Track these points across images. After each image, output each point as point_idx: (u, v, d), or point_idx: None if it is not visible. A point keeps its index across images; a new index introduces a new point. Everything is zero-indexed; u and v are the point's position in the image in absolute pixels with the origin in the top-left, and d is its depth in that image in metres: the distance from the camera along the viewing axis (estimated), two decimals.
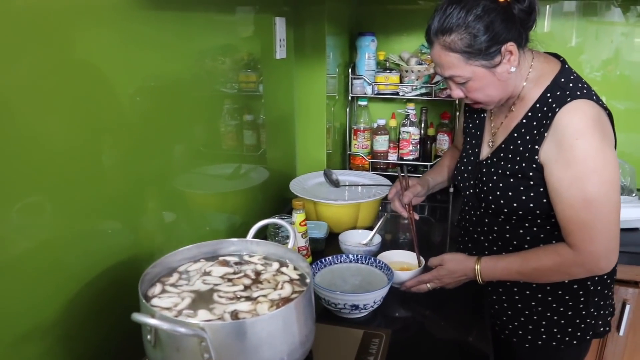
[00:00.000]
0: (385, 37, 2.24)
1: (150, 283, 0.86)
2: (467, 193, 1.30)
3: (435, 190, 1.51)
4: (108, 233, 0.94)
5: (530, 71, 1.15)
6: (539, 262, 1.12)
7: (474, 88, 1.13)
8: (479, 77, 1.10)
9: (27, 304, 0.77)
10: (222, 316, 0.76)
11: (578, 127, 1.04)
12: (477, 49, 1.06)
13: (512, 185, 1.16)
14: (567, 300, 1.20)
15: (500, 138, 1.22)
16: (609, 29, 2.06)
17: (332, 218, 1.57)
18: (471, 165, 1.29)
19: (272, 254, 0.95)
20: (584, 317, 1.22)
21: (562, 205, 1.07)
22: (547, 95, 1.11)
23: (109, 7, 0.89)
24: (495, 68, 1.09)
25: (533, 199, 1.13)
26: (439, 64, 1.14)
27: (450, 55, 1.09)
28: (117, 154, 0.93)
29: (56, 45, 0.77)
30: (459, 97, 1.17)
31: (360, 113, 2.17)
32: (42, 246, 0.78)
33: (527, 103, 1.15)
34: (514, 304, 1.25)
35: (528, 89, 1.15)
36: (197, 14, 1.20)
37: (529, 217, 1.16)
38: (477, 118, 1.32)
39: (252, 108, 1.58)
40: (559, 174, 1.06)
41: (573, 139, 1.04)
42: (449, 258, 1.22)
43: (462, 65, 1.09)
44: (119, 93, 0.93)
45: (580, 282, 1.19)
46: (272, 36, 1.63)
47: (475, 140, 1.31)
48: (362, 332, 1.04)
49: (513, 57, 1.08)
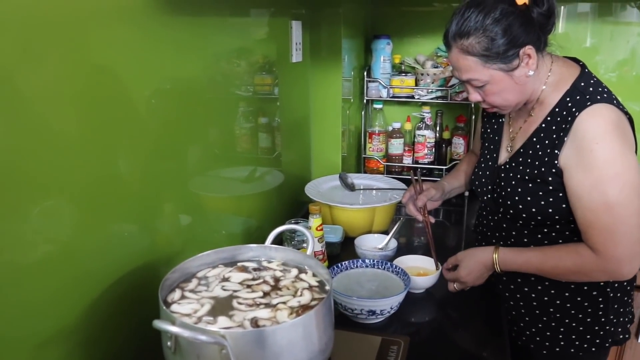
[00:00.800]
0: (400, 40, 2.24)
1: (169, 289, 0.86)
2: (485, 198, 1.29)
3: (452, 196, 1.51)
4: (126, 237, 0.94)
5: (550, 75, 1.14)
6: (559, 261, 1.11)
7: (491, 92, 1.12)
8: (497, 81, 1.10)
9: (49, 308, 0.77)
10: (242, 323, 0.76)
11: (598, 131, 1.03)
12: (495, 52, 1.06)
13: (530, 190, 1.15)
14: (586, 307, 1.19)
15: (518, 143, 1.21)
16: (625, 30, 2.04)
17: (347, 222, 1.56)
18: (489, 170, 1.28)
19: (290, 260, 0.95)
20: (603, 324, 1.20)
21: (583, 210, 1.06)
22: (567, 100, 1.10)
23: (127, 11, 0.89)
24: (513, 72, 1.09)
25: (552, 204, 1.12)
26: (456, 68, 1.14)
27: (468, 58, 1.09)
28: (133, 157, 0.94)
29: (76, 49, 0.78)
30: (477, 100, 1.17)
31: (376, 116, 2.16)
32: (62, 250, 0.78)
33: (546, 107, 1.14)
34: (532, 310, 1.24)
35: (547, 93, 1.15)
36: (213, 17, 1.20)
37: (548, 222, 1.15)
38: (496, 123, 1.32)
39: (267, 111, 1.58)
40: (579, 178, 1.06)
41: (593, 144, 1.03)
42: (464, 256, 1.23)
43: (479, 68, 1.09)
44: (136, 96, 0.94)
45: (600, 288, 1.18)
46: (288, 39, 1.63)
47: (493, 145, 1.30)
48: (380, 338, 1.04)
49: (531, 60, 1.08)
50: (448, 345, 1.12)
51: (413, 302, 1.24)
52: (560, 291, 1.19)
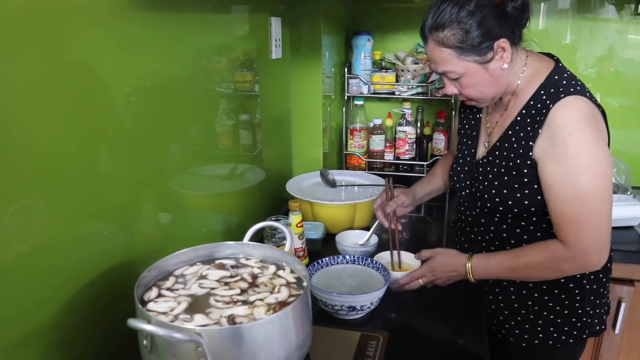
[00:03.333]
0: (381, 36, 2.24)
1: (146, 287, 0.86)
2: (464, 193, 1.31)
3: (425, 201, 1.52)
4: (104, 235, 0.93)
5: (525, 69, 1.16)
6: (530, 257, 1.12)
7: (467, 84, 1.14)
8: (472, 73, 1.11)
9: (22, 308, 0.76)
10: (219, 321, 0.76)
11: (571, 122, 1.05)
12: (470, 45, 1.07)
13: (506, 183, 1.16)
14: (564, 299, 1.21)
15: (495, 137, 1.22)
16: (603, 26, 2.07)
17: (328, 218, 1.56)
18: (467, 166, 1.30)
19: (268, 257, 0.95)
20: (580, 316, 1.22)
21: (555, 201, 1.08)
22: (541, 93, 1.12)
23: (104, 8, 0.88)
24: (488, 64, 1.10)
25: (527, 196, 1.14)
26: (432, 60, 1.15)
27: (443, 50, 1.10)
28: (112, 154, 0.93)
29: (51, 46, 0.77)
30: (453, 93, 1.18)
31: (357, 112, 2.17)
32: (37, 249, 0.77)
33: (521, 101, 1.16)
34: (511, 304, 1.26)
35: (522, 87, 1.16)
36: (193, 14, 1.19)
37: (524, 214, 1.17)
38: (473, 119, 1.33)
39: (248, 108, 1.57)
40: (552, 169, 1.07)
41: (566, 134, 1.05)
42: (441, 251, 1.24)
43: (455, 60, 1.10)
44: (114, 93, 0.93)
45: (576, 281, 1.20)
46: (267, 36, 1.63)
47: (471, 140, 1.32)
48: (359, 334, 1.04)
49: (506, 53, 1.10)
50: (427, 339, 1.13)
51: (393, 298, 1.24)
52: (537, 284, 1.21)
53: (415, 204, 1.47)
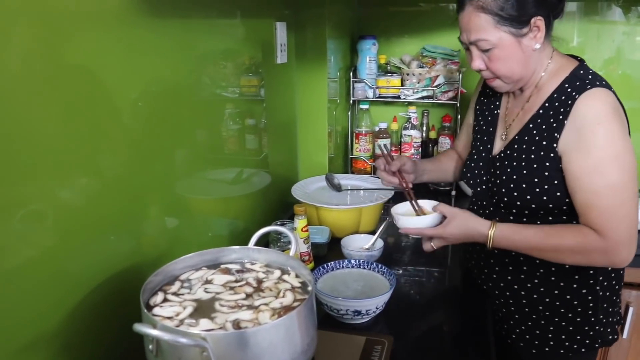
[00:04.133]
0: (386, 40, 2.24)
1: (152, 292, 0.86)
2: (478, 189, 1.29)
3: (424, 180, 1.47)
4: (111, 240, 0.94)
5: (550, 62, 1.16)
6: (561, 239, 1.09)
7: (497, 57, 1.12)
8: (505, 45, 1.10)
9: (30, 313, 0.77)
10: (224, 325, 0.76)
11: (599, 113, 1.04)
12: (508, 14, 1.07)
13: (526, 178, 1.15)
14: (576, 305, 1.18)
15: (514, 131, 1.21)
16: (610, 29, 2.06)
17: (334, 223, 1.56)
18: (483, 161, 1.28)
19: (273, 262, 0.95)
20: (593, 324, 1.20)
21: (584, 193, 1.06)
22: (565, 86, 1.12)
23: (111, 13, 0.89)
24: (522, 38, 1.09)
25: (547, 191, 1.12)
26: (466, 28, 1.13)
27: (480, 17, 1.09)
28: (119, 159, 0.94)
29: (58, 51, 0.78)
30: (479, 68, 1.16)
31: (362, 116, 2.17)
32: (45, 254, 0.78)
33: (544, 94, 1.15)
34: (522, 308, 1.23)
35: (545, 80, 1.16)
36: (199, 19, 1.20)
37: (542, 211, 1.15)
38: (490, 115, 1.31)
39: (253, 112, 1.58)
40: (579, 161, 1.06)
41: (594, 124, 1.04)
42: (459, 215, 1.18)
43: (490, 29, 1.09)
44: (122, 99, 0.94)
45: (589, 286, 1.18)
46: (273, 41, 1.64)
47: (486, 136, 1.30)
48: (364, 338, 1.04)
49: (539, 33, 1.10)
50: (432, 344, 1.13)
51: (399, 302, 1.24)
52: (549, 289, 1.19)
53: (417, 174, 1.42)
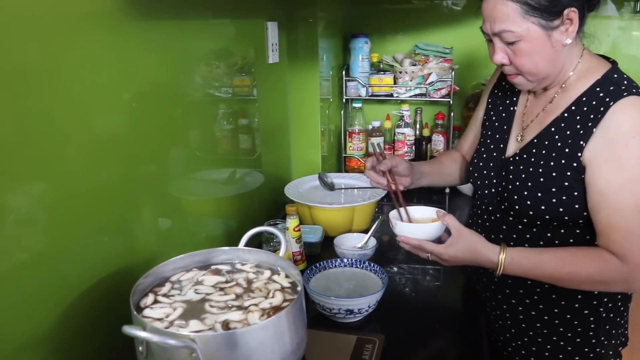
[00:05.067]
0: (378, 38, 2.25)
1: (142, 293, 0.86)
2: (486, 192, 1.18)
3: (422, 183, 1.34)
4: (103, 241, 0.94)
5: (579, 62, 1.06)
6: (580, 266, 1.00)
7: (522, 51, 1.00)
8: (532, 38, 0.99)
9: (22, 315, 0.77)
10: (213, 326, 0.77)
11: (636, 124, 0.95)
12: (539, 3, 0.96)
13: (542, 186, 1.05)
14: (576, 325, 1.11)
15: (532, 132, 1.11)
16: (605, 23, 2.07)
17: (327, 222, 1.57)
18: (494, 162, 1.18)
19: (264, 262, 0.96)
20: (594, 346, 1.12)
21: (609, 210, 0.97)
22: (597, 90, 1.01)
23: (103, 15, 0.90)
24: (552, 32, 0.99)
25: (564, 202, 1.03)
26: (490, 17, 1.01)
27: (508, 5, 0.97)
28: (111, 160, 0.94)
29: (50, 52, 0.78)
30: (501, 62, 1.05)
31: (355, 115, 2.17)
32: (37, 257, 0.79)
33: (571, 96, 1.05)
34: (519, 324, 1.17)
35: (573, 80, 1.06)
36: (189, 20, 1.20)
37: (555, 223, 1.06)
38: (505, 111, 1.21)
39: (246, 112, 1.58)
40: (608, 175, 0.97)
41: (630, 137, 0.95)
42: (465, 237, 1.06)
43: (517, 19, 0.98)
44: (114, 99, 0.94)
45: (592, 307, 1.10)
46: (264, 40, 1.64)
47: (499, 134, 1.20)
48: (355, 337, 1.04)
49: (572, 27, 0.99)
50: (424, 344, 1.12)
51: (392, 301, 1.24)
52: (549, 307, 1.12)
53: (415, 177, 1.29)
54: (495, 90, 1.27)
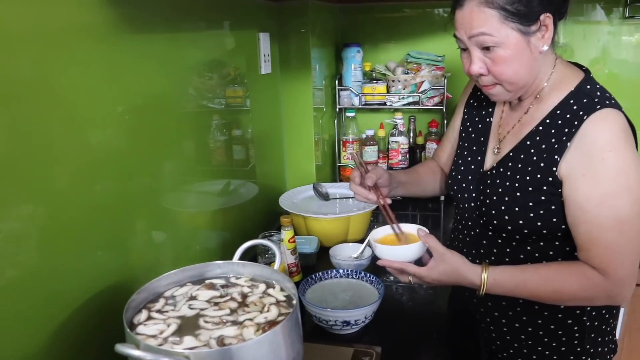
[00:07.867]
0: (370, 47, 2.25)
1: (136, 310, 0.85)
2: (466, 206, 1.17)
3: (400, 193, 1.32)
4: (96, 256, 0.93)
5: (553, 72, 1.06)
6: (562, 284, 0.99)
7: (501, 58, 0.98)
8: (511, 45, 0.97)
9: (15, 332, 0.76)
10: (208, 342, 0.75)
11: (610, 138, 0.95)
12: (517, 9, 0.95)
13: (519, 200, 1.04)
14: (560, 335, 1.11)
15: (508, 146, 1.11)
16: (596, 29, 2.09)
17: (322, 232, 1.56)
18: (472, 175, 1.17)
19: (258, 276, 0.94)
20: (579, 354, 1.12)
21: (588, 225, 0.97)
22: (571, 102, 1.01)
23: (95, 27, 0.89)
24: (530, 37, 0.98)
25: (542, 217, 1.02)
26: (467, 24, 0.99)
27: (485, 12, 0.96)
28: (104, 173, 0.93)
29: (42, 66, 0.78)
30: (477, 73, 1.03)
31: (349, 124, 2.17)
32: (29, 274, 0.77)
33: (545, 108, 1.05)
34: (504, 335, 1.17)
35: (547, 91, 1.06)
36: (181, 32, 1.20)
37: (534, 236, 1.05)
38: (481, 122, 1.20)
39: (240, 123, 1.58)
40: (586, 189, 0.96)
41: (605, 151, 0.94)
42: (447, 259, 1.05)
43: (496, 24, 0.96)
44: (106, 112, 0.94)
45: (576, 317, 1.09)
46: (256, 51, 1.64)
47: (476, 146, 1.19)
48: (352, 349, 1.03)
49: (547, 33, 0.99)
50: (421, 354, 1.12)
51: (389, 312, 1.23)
52: (532, 318, 1.11)
53: (392, 187, 1.26)
54: (470, 100, 1.26)
